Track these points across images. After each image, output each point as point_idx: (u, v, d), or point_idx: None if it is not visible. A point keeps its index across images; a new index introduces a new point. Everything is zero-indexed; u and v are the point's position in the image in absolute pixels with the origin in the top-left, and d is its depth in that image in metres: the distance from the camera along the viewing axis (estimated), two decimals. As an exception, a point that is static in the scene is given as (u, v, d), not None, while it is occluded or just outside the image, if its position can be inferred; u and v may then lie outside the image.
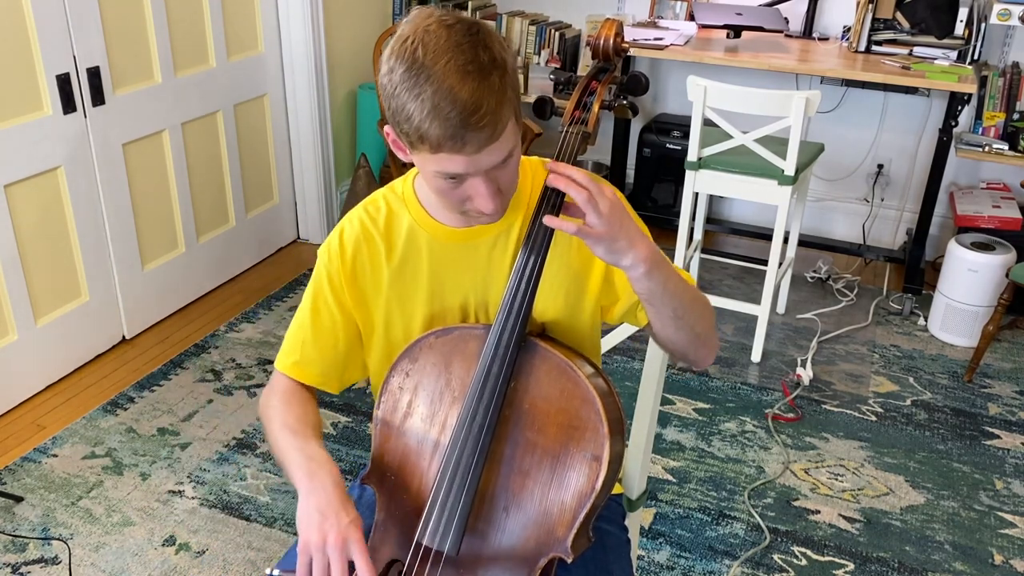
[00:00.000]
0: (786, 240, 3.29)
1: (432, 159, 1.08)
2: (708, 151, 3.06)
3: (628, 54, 1.37)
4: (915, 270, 3.72)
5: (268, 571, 1.14)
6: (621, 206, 1.11)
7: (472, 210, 1.15)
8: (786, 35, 3.90)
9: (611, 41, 1.30)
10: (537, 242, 1.18)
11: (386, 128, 1.14)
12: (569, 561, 1.16)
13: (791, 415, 2.86)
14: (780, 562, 2.27)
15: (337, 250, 1.30)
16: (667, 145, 4.03)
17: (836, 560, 2.28)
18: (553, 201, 1.16)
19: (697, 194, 3.28)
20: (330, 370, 1.34)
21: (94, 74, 2.80)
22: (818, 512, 2.45)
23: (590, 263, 1.26)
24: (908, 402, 2.96)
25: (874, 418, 2.86)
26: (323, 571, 1.08)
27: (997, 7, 3.36)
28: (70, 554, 2.21)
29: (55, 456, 2.55)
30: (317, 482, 1.13)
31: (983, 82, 3.60)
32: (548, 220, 1.12)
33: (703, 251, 3.71)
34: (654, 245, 1.15)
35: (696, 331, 1.23)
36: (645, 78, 1.32)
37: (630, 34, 3.73)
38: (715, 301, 3.18)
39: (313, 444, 1.21)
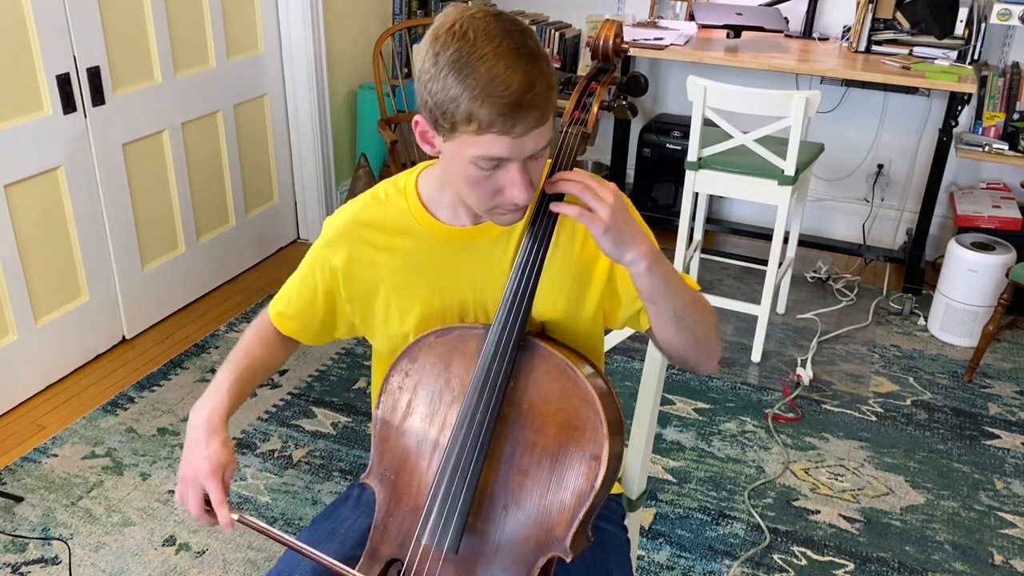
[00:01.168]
0: (786, 240, 3.29)
1: (476, 141, 1.07)
2: (708, 151, 3.06)
3: (628, 54, 1.37)
4: (915, 270, 3.72)
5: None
6: (623, 202, 1.13)
7: (502, 204, 1.14)
8: (786, 35, 3.90)
9: (611, 42, 1.30)
10: (539, 235, 1.19)
11: (416, 118, 1.14)
12: (568, 560, 1.17)
13: (791, 415, 2.86)
14: (780, 562, 2.27)
15: (335, 238, 1.32)
16: (667, 145, 4.03)
17: (836, 560, 2.28)
18: (553, 198, 1.18)
19: (697, 194, 3.28)
20: (306, 329, 1.41)
21: (94, 74, 2.80)
22: (818, 512, 2.45)
23: (593, 264, 1.26)
24: (908, 402, 2.96)
25: (874, 418, 2.86)
26: (194, 501, 1.26)
27: (997, 7, 3.36)
28: (70, 554, 2.21)
29: (55, 456, 2.55)
30: (196, 414, 1.26)
31: (983, 82, 3.60)
32: (554, 206, 1.14)
33: (703, 251, 3.71)
34: (655, 244, 1.17)
35: (697, 333, 1.23)
36: (644, 79, 1.33)
37: (630, 34, 3.73)
38: (715, 301, 3.19)
39: (232, 382, 1.30)
